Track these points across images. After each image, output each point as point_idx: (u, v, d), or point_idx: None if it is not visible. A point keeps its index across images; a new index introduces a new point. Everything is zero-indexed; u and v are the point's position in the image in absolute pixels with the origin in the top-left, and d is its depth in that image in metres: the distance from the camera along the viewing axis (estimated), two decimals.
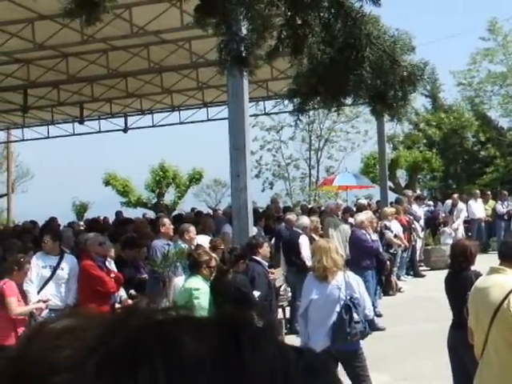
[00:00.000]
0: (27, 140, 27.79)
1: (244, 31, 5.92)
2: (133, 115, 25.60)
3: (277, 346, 0.74)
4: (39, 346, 0.72)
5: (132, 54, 17.02)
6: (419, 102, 32.70)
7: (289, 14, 5.38)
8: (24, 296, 9.19)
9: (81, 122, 24.09)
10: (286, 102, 14.78)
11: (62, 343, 0.71)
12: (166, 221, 11.65)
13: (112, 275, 9.92)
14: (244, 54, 5.76)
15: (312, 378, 0.75)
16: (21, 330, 8.59)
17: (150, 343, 0.69)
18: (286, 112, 26.43)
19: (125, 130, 25.98)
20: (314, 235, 13.15)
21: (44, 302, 9.59)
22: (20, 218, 29.71)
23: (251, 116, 17.32)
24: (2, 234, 16.06)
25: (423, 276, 18.14)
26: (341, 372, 7.20)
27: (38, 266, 10.12)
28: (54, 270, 10.31)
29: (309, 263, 10.85)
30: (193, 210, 22.48)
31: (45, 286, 10.16)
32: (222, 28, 5.61)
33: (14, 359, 0.72)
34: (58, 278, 10.32)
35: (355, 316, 7.35)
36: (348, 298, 7.38)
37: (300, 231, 13.10)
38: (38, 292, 10.06)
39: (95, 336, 0.70)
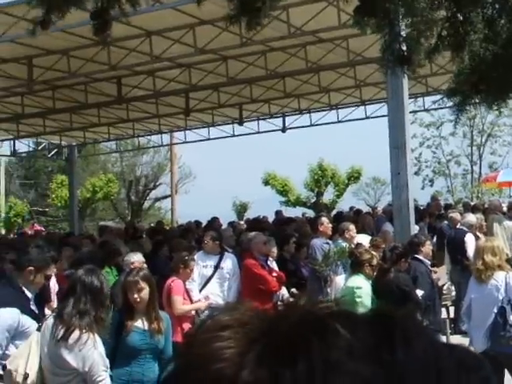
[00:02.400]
0: (189, 142, 28.63)
1: (404, 30, 5.83)
2: (291, 115, 25.79)
3: (429, 342, 0.76)
4: (204, 336, 0.76)
5: (289, 55, 17.14)
6: None
7: (450, 11, 5.24)
8: (189, 294, 9.45)
9: (240, 123, 24.55)
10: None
11: (225, 334, 0.75)
12: (325, 219, 11.66)
13: (274, 274, 10.04)
14: (406, 54, 5.67)
15: (464, 373, 0.76)
16: (186, 327, 8.84)
17: (308, 336, 0.72)
18: (445, 108, 25.80)
19: (283, 130, 26.23)
20: (478, 233, 12.79)
21: (206, 300, 9.81)
22: (183, 218, 30.67)
23: (410, 113, 17.00)
24: (169, 233, 16.60)
25: None
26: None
27: (199, 266, 10.40)
28: (215, 268, 10.57)
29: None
30: (352, 208, 22.38)
31: (206, 285, 10.43)
32: (384, 29, 5.54)
33: (183, 351, 0.77)
34: (220, 276, 10.57)
35: (511, 319, 7.08)
36: (507, 299, 7.11)
37: (465, 229, 12.78)
38: (200, 290, 10.35)
39: (257, 329, 0.74)
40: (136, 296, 6.05)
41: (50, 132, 25.23)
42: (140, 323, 6.09)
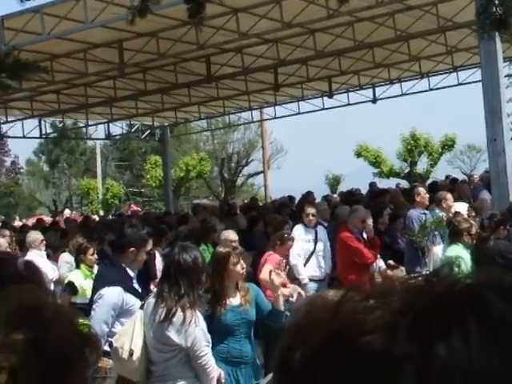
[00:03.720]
0: (279, 117, 28.62)
1: None
2: (381, 85, 25.45)
3: None
4: (351, 307, 0.75)
5: (378, 24, 16.88)
6: None
7: None
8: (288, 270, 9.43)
9: (330, 96, 24.39)
10: None
11: (371, 305, 0.74)
12: (422, 190, 11.49)
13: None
14: (503, 17, 5.50)
15: None
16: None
17: (460, 305, 0.71)
18: None
19: (374, 101, 25.92)
20: None
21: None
22: (276, 193, 30.77)
23: (505, 76, 16.53)
24: (263, 209, 16.69)
25: None
26: None
27: (302, 240, 10.44)
28: (315, 242, 10.61)
29: None
30: (447, 177, 21.98)
31: (310, 259, 10.48)
32: None
33: (327, 319, 0.76)
34: (319, 250, 10.62)
35: None
36: None
37: None
38: (304, 265, 10.41)
39: (402, 300, 0.73)
40: (238, 269, 6.11)
41: (143, 113, 25.66)
42: (232, 300, 6.15)
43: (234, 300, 6.13)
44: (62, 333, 1.40)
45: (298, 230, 10.73)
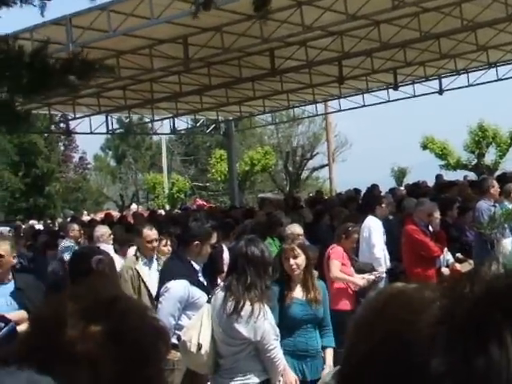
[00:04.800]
0: (344, 110, 28.48)
1: None
2: (447, 76, 25.09)
3: None
4: (391, 311, 0.74)
5: (444, 14, 16.64)
6: None
7: None
8: (352, 264, 9.39)
9: (395, 88, 24.14)
10: None
11: (410, 318, 0.72)
12: (495, 182, 11.28)
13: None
14: None
15: None
16: (343, 297, 8.81)
17: (495, 313, 0.68)
18: None
19: (440, 92, 25.56)
20: None
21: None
22: (341, 186, 30.63)
23: None
24: (329, 202, 16.63)
25: None
26: None
27: (379, 232, 10.38)
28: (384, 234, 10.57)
29: None
30: None
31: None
32: None
33: (376, 324, 0.74)
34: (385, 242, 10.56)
35: None
36: None
37: None
38: None
39: (441, 307, 0.72)
40: (292, 263, 6.10)
41: (207, 108, 25.82)
42: (299, 294, 6.14)
43: (301, 294, 6.13)
44: (137, 325, 1.42)
45: (376, 222, 10.60)
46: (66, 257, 10.34)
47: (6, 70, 5.61)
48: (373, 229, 10.37)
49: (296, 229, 9.56)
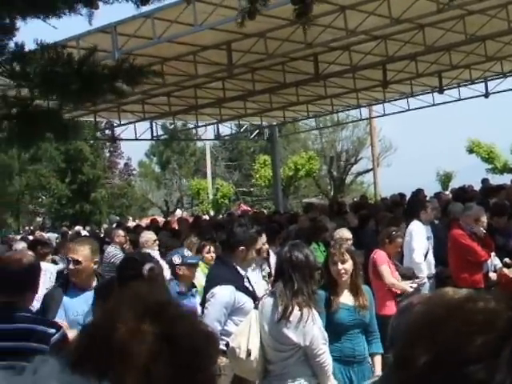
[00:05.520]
0: (388, 114, 28.31)
1: None
2: (493, 79, 24.81)
3: None
4: (454, 329, 0.73)
5: (489, 16, 16.46)
6: None
7: None
8: (396, 269, 9.32)
9: (440, 92, 23.93)
10: None
11: (474, 329, 0.71)
12: None
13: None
14: None
15: None
16: (389, 302, 8.73)
17: None
18: None
19: (486, 95, 25.29)
20: None
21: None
22: (385, 191, 30.46)
23: None
24: (374, 207, 16.55)
25: None
26: None
27: (423, 237, 10.31)
28: (430, 240, 10.47)
29: None
30: None
31: (426, 257, 10.33)
32: None
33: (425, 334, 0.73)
34: (431, 247, 10.47)
35: None
36: None
37: None
38: None
39: (506, 321, 0.70)
40: (340, 268, 6.07)
41: (251, 113, 25.87)
42: (345, 299, 6.10)
43: (348, 300, 6.09)
44: (189, 329, 1.43)
45: (420, 227, 10.52)
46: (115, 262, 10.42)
47: (56, 78, 5.69)
48: (415, 233, 10.29)
49: (345, 233, 9.53)
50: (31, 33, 6.73)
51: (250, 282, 6.37)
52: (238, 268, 6.20)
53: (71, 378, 1.21)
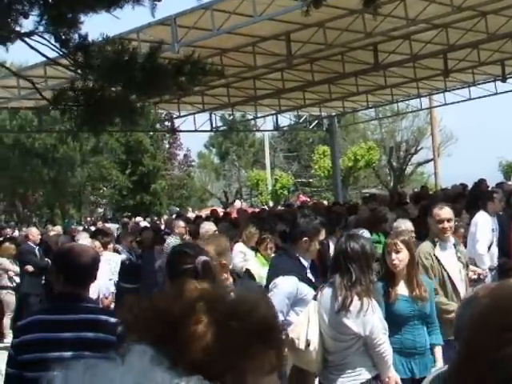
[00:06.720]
0: (449, 104, 27.94)
1: None
2: None
3: None
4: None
5: None
6: None
7: None
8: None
9: (503, 80, 23.52)
10: None
11: None
12: None
13: None
14: None
15: None
16: None
17: None
18: None
19: None
20: None
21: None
22: (446, 181, 30.08)
23: None
24: (435, 198, 16.32)
25: None
26: None
27: (488, 229, 10.17)
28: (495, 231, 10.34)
29: None
30: None
31: (490, 248, 10.18)
32: None
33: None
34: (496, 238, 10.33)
35: None
36: None
37: None
38: None
39: None
40: (394, 257, 6.01)
41: (310, 104, 25.81)
42: (403, 290, 6.04)
43: (406, 291, 6.04)
44: (246, 315, 1.44)
45: (486, 218, 10.35)
46: None
47: (120, 71, 5.76)
48: (480, 224, 10.14)
49: (408, 225, 9.44)
50: (91, 25, 6.82)
51: (311, 272, 6.37)
52: (301, 259, 6.21)
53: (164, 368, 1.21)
